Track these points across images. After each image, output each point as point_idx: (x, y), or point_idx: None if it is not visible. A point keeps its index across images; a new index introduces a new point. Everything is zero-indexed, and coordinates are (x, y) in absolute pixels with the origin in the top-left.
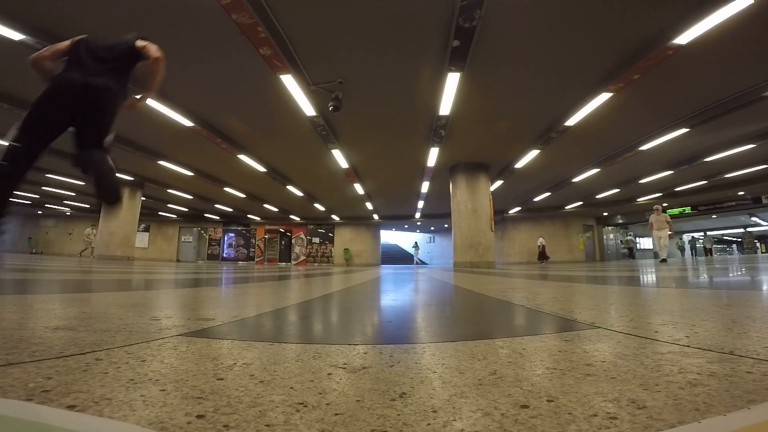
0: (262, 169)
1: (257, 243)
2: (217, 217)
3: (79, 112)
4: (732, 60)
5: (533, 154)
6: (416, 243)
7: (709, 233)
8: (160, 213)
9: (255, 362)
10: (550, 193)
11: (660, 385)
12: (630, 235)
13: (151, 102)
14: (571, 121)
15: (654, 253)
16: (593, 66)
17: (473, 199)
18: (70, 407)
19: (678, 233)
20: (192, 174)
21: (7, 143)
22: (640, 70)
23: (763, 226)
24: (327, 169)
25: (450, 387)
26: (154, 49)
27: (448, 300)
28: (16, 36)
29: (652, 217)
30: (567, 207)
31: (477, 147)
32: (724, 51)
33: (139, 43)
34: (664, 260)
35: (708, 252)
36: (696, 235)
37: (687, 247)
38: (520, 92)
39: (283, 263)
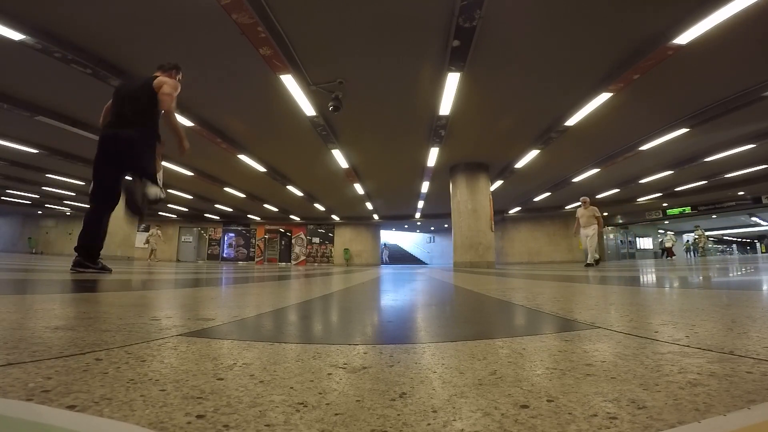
0: (262, 169)
1: (257, 243)
2: (217, 217)
3: (119, 159)
4: (732, 60)
5: (533, 154)
6: (385, 244)
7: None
8: (160, 213)
9: (255, 362)
10: (550, 193)
11: (660, 385)
12: (669, 234)
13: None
14: (571, 121)
15: (655, 253)
16: (593, 66)
17: (473, 199)
18: (70, 407)
19: (678, 233)
20: (192, 174)
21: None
22: (640, 70)
23: (763, 226)
24: (327, 169)
25: (450, 387)
26: (165, 99)
27: (448, 300)
28: (16, 36)
29: (579, 212)
30: (567, 207)
31: (477, 147)
32: (724, 51)
33: (156, 82)
34: (589, 264)
35: (700, 251)
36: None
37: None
38: (520, 92)
39: (283, 263)
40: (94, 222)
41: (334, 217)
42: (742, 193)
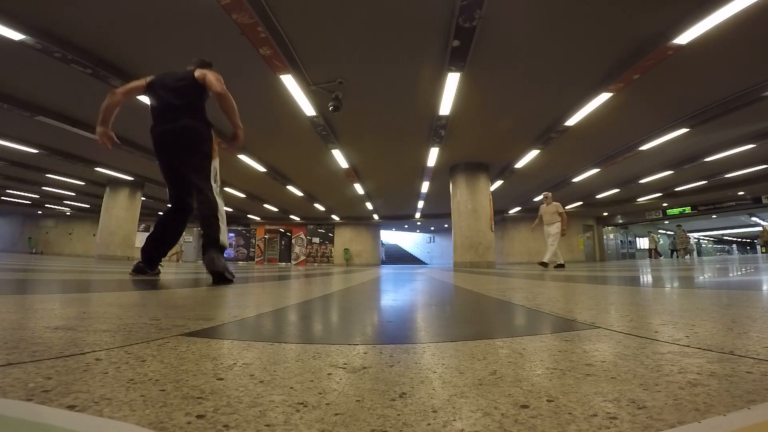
0: (262, 169)
1: (257, 243)
2: None
3: (173, 155)
4: (732, 60)
5: (533, 154)
6: (382, 242)
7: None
8: (161, 213)
9: (255, 362)
10: (549, 194)
11: (660, 385)
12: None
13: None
14: (571, 121)
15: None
16: (593, 66)
17: (473, 199)
18: (70, 407)
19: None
20: None
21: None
22: (640, 70)
23: (764, 225)
24: (327, 169)
25: (450, 387)
26: (214, 82)
27: (448, 300)
28: (16, 36)
29: (542, 208)
30: (567, 207)
31: (477, 147)
32: (724, 51)
33: (197, 73)
34: (544, 264)
35: (680, 252)
36: (697, 235)
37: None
38: (520, 92)
39: (283, 263)
40: (158, 227)
41: (334, 217)
42: (742, 193)
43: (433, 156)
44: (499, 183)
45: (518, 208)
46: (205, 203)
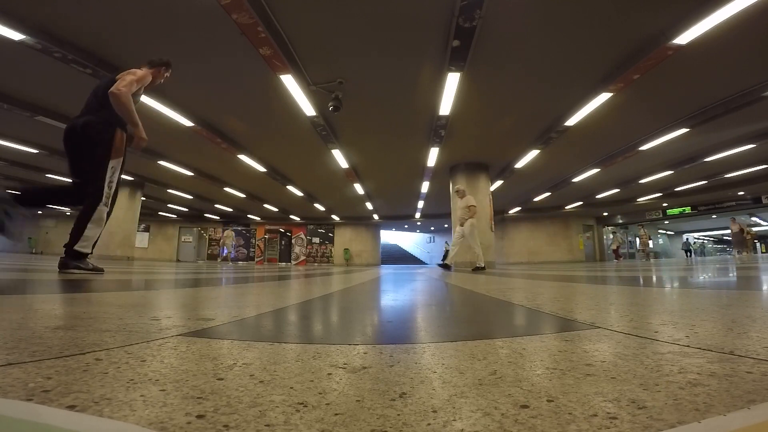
0: (262, 169)
1: (257, 243)
2: (217, 217)
3: (71, 149)
4: (732, 60)
5: (533, 154)
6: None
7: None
8: (160, 213)
9: (255, 362)
10: (550, 193)
11: (660, 385)
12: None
13: (150, 102)
14: (571, 121)
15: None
16: (593, 66)
17: (473, 198)
18: (70, 407)
19: (678, 233)
20: (192, 174)
21: None
22: (640, 70)
23: (764, 226)
24: (327, 169)
25: (450, 387)
26: (118, 82)
27: (447, 300)
28: (16, 36)
29: (458, 204)
30: (567, 207)
31: (477, 147)
32: (724, 51)
33: (122, 73)
34: (445, 265)
35: (641, 254)
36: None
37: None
38: (521, 92)
39: (283, 263)
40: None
41: (334, 217)
42: (742, 193)
43: (433, 156)
44: (499, 183)
45: (518, 208)
46: (88, 203)
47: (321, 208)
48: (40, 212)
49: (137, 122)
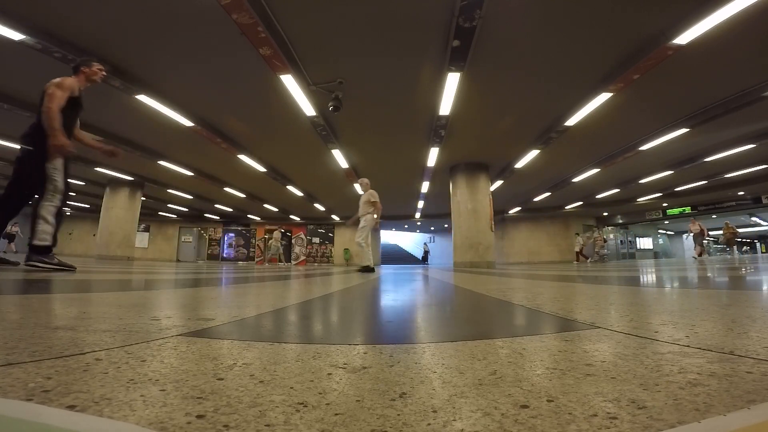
0: (262, 169)
1: (257, 243)
2: (217, 217)
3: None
4: (732, 60)
5: (533, 154)
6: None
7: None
8: (160, 213)
9: (255, 362)
10: (550, 193)
11: (660, 385)
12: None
13: (150, 102)
14: (571, 121)
15: (655, 254)
16: (593, 66)
17: (473, 199)
18: (70, 407)
19: (678, 233)
20: (192, 174)
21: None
22: (640, 70)
23: (764, 226)
24: (327, 169)
25: (450, 387)
26: (47, 101)
27: (447, 300)
28: (16, 36)
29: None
30: (567, 207)
31: (477, 147)
32: (724, 51)
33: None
34: (368, 269)
35: (595, 256)
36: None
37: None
38: (521, 92)
39: (283, 263)
40: None
41: (334, 217)
42: (742, 193)
43: (433, 156)
44: (499, 183)
45: (518, 208)
46: (34, 202)
47: (321, 208)
48: None
49: (52, 126)
